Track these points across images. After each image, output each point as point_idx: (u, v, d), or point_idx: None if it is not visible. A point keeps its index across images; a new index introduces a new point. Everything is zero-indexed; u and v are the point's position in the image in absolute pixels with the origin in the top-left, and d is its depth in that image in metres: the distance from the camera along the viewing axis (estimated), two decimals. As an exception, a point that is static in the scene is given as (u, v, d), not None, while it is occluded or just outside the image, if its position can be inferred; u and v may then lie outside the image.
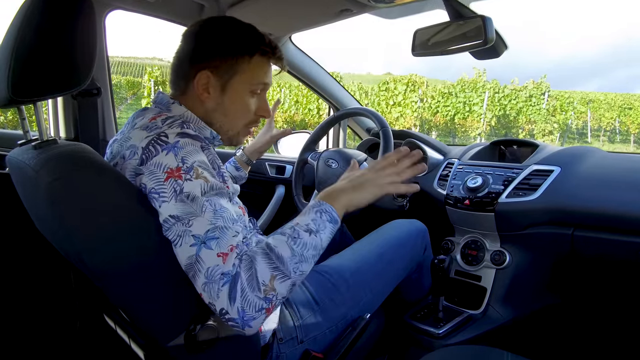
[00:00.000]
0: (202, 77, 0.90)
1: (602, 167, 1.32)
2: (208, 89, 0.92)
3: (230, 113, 0.95)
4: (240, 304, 0.72)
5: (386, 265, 1.23)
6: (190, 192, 0.75)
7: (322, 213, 0.85)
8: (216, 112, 0.94)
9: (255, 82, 0.94)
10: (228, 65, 0.91)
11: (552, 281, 1.39)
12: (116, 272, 0.77)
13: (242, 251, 0.77)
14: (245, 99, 0.95)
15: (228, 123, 0.97)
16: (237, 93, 0.94)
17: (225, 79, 0.92)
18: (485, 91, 14.21)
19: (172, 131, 0.80)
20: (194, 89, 0.92)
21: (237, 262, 0.75)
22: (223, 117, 0.95)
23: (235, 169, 1.39)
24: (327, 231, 0.83)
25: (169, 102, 0.92)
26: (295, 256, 0.78)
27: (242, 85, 0.93)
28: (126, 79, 30.18)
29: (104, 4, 1.35)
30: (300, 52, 1.83)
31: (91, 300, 1.39)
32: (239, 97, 0.95)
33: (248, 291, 0.73)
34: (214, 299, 0.72)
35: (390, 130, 1.36)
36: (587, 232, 1.21)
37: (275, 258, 0.76)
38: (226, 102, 0.94)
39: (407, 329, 1.35)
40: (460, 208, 1.44)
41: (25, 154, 0.77)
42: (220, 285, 0.72)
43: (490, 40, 1.03)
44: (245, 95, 0.95)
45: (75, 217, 0.71)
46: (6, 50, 0.72)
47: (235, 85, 0.93)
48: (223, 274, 0.73)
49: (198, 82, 0.91)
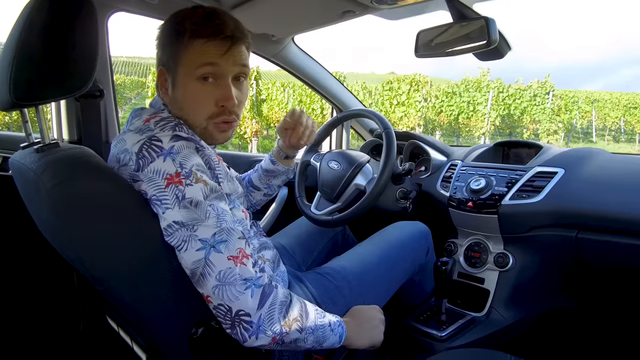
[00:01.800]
0: (160, 75, 0.89)
1: (606, 168, 1.31)
2: (166, 86, 0.89)
3: (184, 106, 0.87)
4: (266, 313, 0.78)
5: (389, 267, 1.23)
6: (192, 198, 0.76)
7: (339, 330, 0.92)
8: (174, 109, 0.89)
9: (197, 66, 0.84)
10: (169, 57, 0.86)
11: (556, 284, 1.38)
12: (118, 277, 0.77)
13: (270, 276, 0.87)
14: (193, 88, 0.86)
15: (190, 118, 0.88)
16: (183, 83, 0.86)
17: (173, 72, 0.86)
18: (490, 91, 14.14)
19: (164, 134, 0.79)
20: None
21: (267, 277, 0.82)
22: (180, 112, 0.88)
23: (271, 163, 1.27)
24: (328, 342, 0.89)
25: (162, 104, 0.91)
26: (316, 325, 0.86)
27: (187, 73, 0.85)
28: (130, 79, 30.27)
29: (106, 6, 1.35)
30: (304, 54, 1.83)
31: (94, 302, 1.40)
32: (186, 87, 0.86)
33: (276, 309, 0.79)
34: (229, 300, 0.75)
35: (393, 131, 1.36)
36: (592, 234, 1.20)
37: (304, 308, 0.85)
38: (178, 95, 0.87)
39: (410, 331, 1.34)
40: (463, 210, 1.43)
41: (28, 157, 0.77)
42: (242, 288, 0.75)
43: (493, 42, 1.02)
44: (191, 83, 0.85)
45: (76, 222, 0.71)
46: (8, 53, 0.72)
47: (181, 76, 0.86)
48: (246, 280, 0.76)
49: (158, 81, 0.90)
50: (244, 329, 0.76)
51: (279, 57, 1.77)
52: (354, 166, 1.44)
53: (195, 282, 0.76)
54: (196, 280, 0.76)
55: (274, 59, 1.78)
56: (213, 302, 0.76)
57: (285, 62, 1.81)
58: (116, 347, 1.12)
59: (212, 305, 0.77)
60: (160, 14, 1.41)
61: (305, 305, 0.86)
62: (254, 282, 0.77)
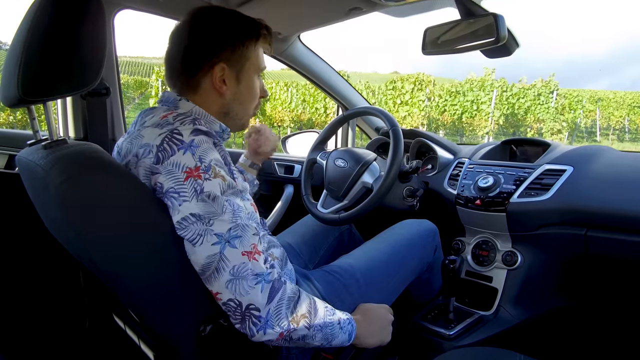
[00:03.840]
0: (218, 70, 0.91)
1: (615, 166, 1.30)
2: (224, 80, 0.93)
3: (245, 100, 0.98)
4: (274, 308, 0.78)
5: (396, 265, 1.22)
6: (210, 192, 0.76)
7: (348, 328, 0.91)
8: (234, 102, 0.96)
9: (261, 66, 0.99)
10: (239, 54, 0.93)
11: (565, 282, 1.37)
12: (127, 273, 0.77)
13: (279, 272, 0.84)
14: (255, 83, 0.99)
15: (243, 110, 0.99)
16: (250, 79, 0.97)
17: (238, 68, 0.94)
18: (493, 90, 14.12)
19: (185, 128, 0.80)
20: (209, 84, 0.92)
21: (277, 272, 0.82)
22: (239, 106, 0.98)
23: (239, 172, 1.34)
24: (337, 340, 0.88)
25: (176, 100, 0.92)
26: (324, 322, 0.86)
27: (252, 70, 0.97)
28: (134, 78, 30.35)
29: (113, 4, 1.35)
30: (309, 51, 1.82)
31: (100, 300, 1.40)
32: (252, 83, 0.98)
33: (284, 305, 0.80)
34: (240, 295, 0.75)
35: (400, 129, 1.35)
36: (601, 232, 1.19)
37: (313, 305, 0.85)
38: (242, 91, 0.97)
39: (418, 330, 1.34)
40: (471, 208, 1.42)
41: (35, 154, 0.77)
42: (253, 283, 0.76)
43: (502, 39, 1.01)
44: (255, 80, 0.99)
45: (85, 218, 0.71)
46: (16, 50, 0.71)
47: (247, 73, 0.96)
48: (257, 275, 0.77)
49: (215, 76, 0.91)
50: (253, 323, 0.76)
51: (284, 55, 1.77)
52: (361, 164, 1.43)
53: (207, 278, 0.76)
54: (208, 276, 0.76)
55: (279, 57, 1.78)
56: (223, 298, 0.76)
57: (291, 59, 1.81)
58: (123, 345, 1.12)
59: (222, 301, 0.76)
60: (166, 12, 1.41)
61: (314, 302, 0.86)
62: (264, 277, 0.78)
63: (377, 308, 1.05)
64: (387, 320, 1.03)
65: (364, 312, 1.02)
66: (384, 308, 1.06)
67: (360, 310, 1.03)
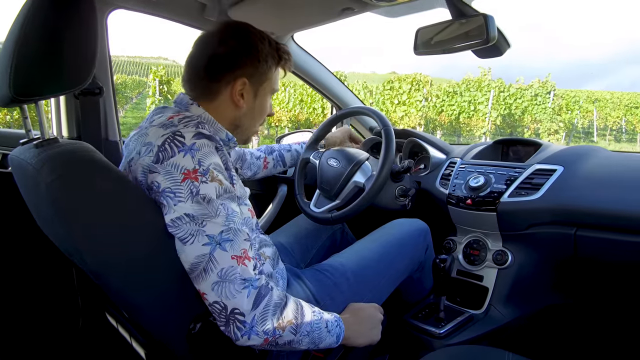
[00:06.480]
0: (239, 84, 0.95)
1: (605, 166, 1.31)
2: (242, 94, 0.96)
3: (256, 116, 1.04)
4: (259, 314, 0.79)
5: (388, 264, 1.23)
6: (206, 195, 0.78)
7: (336, 330, 0.93)
8: (246, 117, 1.01)
9: (275, 87, 1.05)
10: (261, 73, 0.98)
11: (555, 281, 1.38)
12: (117, 270, 0.77)
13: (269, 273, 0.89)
14: (268, 102, 1.05)
15: (252, 125, 1.05)
16: (265, 98, 1.03)
17: (257, 86, 0.99)
18: (491, 90, 14.13)
19: (187, 131, 0.82)
20: (228, 95, 0.96)
21: (265, 278, 0.83)
22: (250, 121, 1.03)
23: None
24: (325, 343, 0.90)
25: (188, 103, 0.94)
26: (312, 327, 0.87)
27: (268, 90, 1.03)
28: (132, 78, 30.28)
29: (106, 3, 1.35)
30: (303, 52, 1.83)
31: (93, 299, 1.40)
32: (266, 101, 1.04)
33: (270, 311, 0.81)
34: (226, 298, 0.76)
35: (392, 129, 1.35)
36: (590, 232, 1.20)
37: (300, 311, 0.86)
38: (256, 107, 1.02)
39: (408, 328, 1.34)
40: (462, 207, 1.43)
41: (27, 153, 0.77)
42: (240, 287, 0.77)
43: (492, 39, 1.02)
44: (268, 99, 1.05)
45: (75, 216, 0.72)
46: (8, 49, 0.72)
47: (264, 91, 1.02)
48: (244, 280, 0.78)
49: (235, 89, 0.95)
50: (237, 328, 0.78)
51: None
52: (353, 164, 1.43)
53: (195, 277, 0.77)
54: (195, 275, 0.77)
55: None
56: (209, 299, 0.77)
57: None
58: (115, 343, 1.12)
59: (208, 302, 0.78)
60: (160, 11, 1.41)
61: (301, 307, 0.87)
62: (252, 283, 0.79)
63: (367, 307, 1.06)
64: (377, 320, 1.04)
65: (354, 312, 1.03)
66: (373, 307, 1.07)
67: (350, 310, 1.04)
